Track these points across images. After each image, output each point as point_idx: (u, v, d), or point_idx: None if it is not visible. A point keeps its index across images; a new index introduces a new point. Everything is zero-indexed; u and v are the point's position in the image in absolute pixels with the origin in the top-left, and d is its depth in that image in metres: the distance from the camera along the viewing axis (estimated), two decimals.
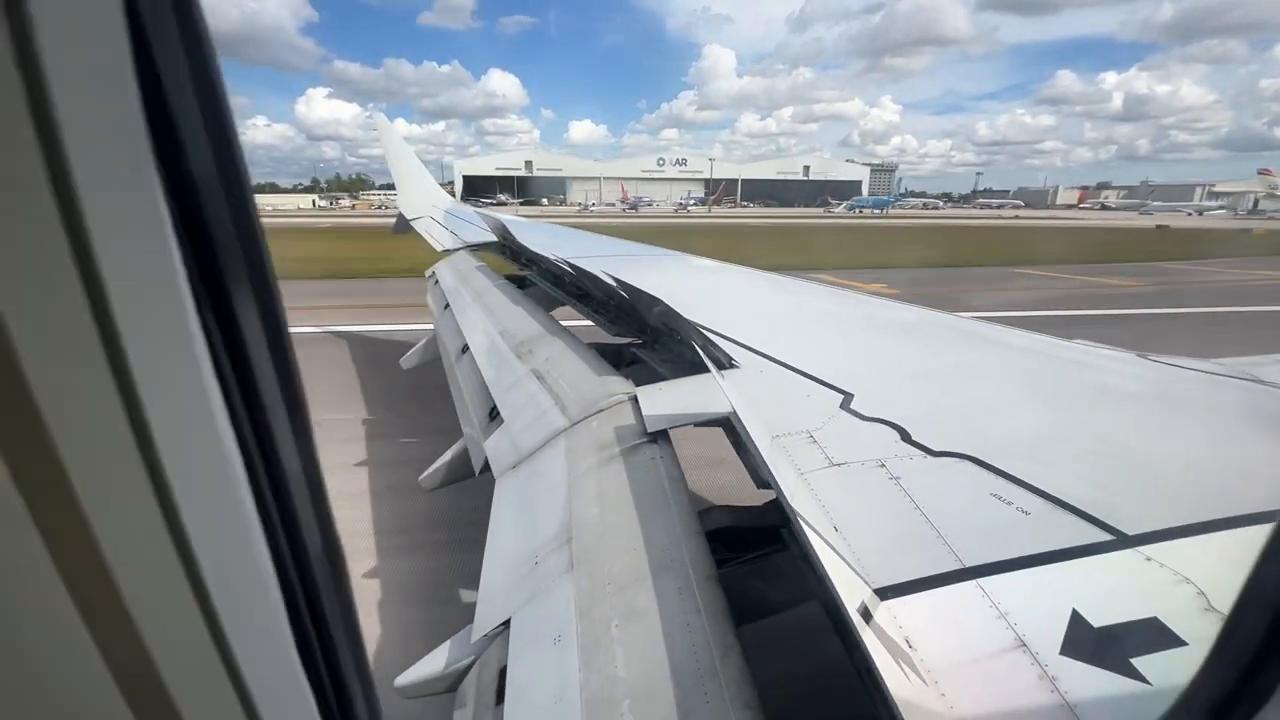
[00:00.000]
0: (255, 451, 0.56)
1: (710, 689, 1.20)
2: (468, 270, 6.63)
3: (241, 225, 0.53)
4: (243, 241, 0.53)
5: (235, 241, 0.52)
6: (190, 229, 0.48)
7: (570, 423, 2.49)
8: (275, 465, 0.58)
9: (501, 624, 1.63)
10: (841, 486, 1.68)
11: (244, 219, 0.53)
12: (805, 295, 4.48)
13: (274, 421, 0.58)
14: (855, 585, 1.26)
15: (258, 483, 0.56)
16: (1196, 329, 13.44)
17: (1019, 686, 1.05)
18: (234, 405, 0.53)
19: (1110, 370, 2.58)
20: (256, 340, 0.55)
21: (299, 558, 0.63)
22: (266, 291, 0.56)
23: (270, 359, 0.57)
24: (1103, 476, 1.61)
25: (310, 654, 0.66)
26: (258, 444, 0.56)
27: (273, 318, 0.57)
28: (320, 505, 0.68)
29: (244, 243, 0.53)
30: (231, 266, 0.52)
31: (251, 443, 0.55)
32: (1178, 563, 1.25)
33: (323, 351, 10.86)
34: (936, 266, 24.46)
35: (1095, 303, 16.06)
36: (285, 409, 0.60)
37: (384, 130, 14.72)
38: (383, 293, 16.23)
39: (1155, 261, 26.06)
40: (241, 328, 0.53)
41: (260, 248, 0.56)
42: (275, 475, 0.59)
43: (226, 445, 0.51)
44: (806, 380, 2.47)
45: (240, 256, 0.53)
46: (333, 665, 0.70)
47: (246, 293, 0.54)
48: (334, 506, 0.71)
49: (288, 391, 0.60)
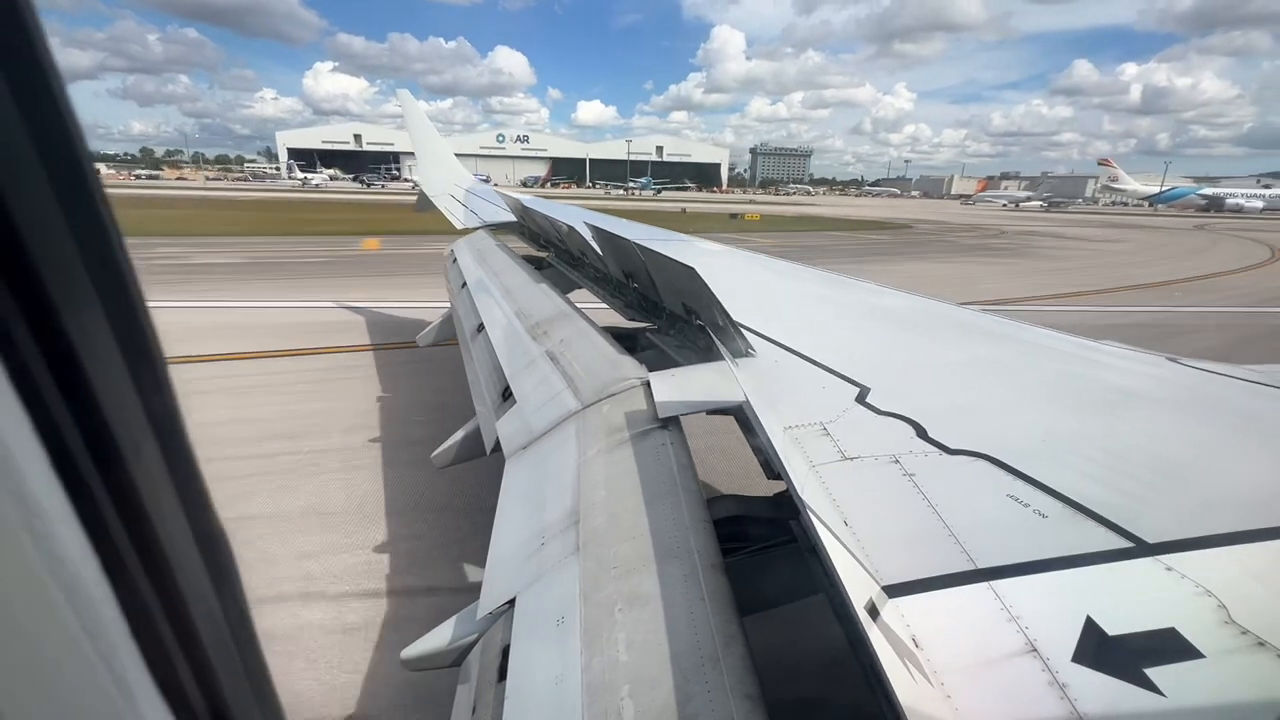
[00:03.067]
0: (66, 434, 0.49)
1: (711, 677, 1.19)
2: (486, 250, 6.64)
3: (67, 200, 0.47)
4: (70, 219, 0.47)
5: (56, 220, 0.46)
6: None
7: (582, 405, 2.48)
8: (101, 439, 0.51)
9: (507, 603, 1.64)
10: (854, 481, 1.65)
11: (72, 192, 0.47)
12: (822, 285, 4.42)
13: (98, 385, 0.50)
14: (863, 581, 1.24)
15: (74, 472, 0.49)
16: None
17: (1028, 692, 1.02)
18: (17, 358, 0.45)
19: (1137, 373, 2.50)
20: (70, 287, 0.49)
21: (146, 549, 0.56)
22: (102, 261, 0.50)
23: (99, 310, 0.51)
24: (1124, 482, 1.56)
25: (164, 658, 0.59)
26: (71, 413, 0.49)
27: (113, 289, 0.52)
28: (186, 487, 0.61)
29: (72, 220, 0.47)
30: (47, 246, 0.46)
31: (54, 407, 0.48)
32: (1199, 574, 1.21)
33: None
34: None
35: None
36: (125, 375, 0.53)
37: (408, 108, 14.72)
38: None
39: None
40: (53, 299, 0.46)
41: (96, 218, 0.49)
42: (109, 460, 0.52)
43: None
44: (822, 371, 2.43)
45: (64, 232, 0.47)
46: (201, 668, 0.63)
47: (66, 264, 0.48)
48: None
49: (131, 351, 0.53)
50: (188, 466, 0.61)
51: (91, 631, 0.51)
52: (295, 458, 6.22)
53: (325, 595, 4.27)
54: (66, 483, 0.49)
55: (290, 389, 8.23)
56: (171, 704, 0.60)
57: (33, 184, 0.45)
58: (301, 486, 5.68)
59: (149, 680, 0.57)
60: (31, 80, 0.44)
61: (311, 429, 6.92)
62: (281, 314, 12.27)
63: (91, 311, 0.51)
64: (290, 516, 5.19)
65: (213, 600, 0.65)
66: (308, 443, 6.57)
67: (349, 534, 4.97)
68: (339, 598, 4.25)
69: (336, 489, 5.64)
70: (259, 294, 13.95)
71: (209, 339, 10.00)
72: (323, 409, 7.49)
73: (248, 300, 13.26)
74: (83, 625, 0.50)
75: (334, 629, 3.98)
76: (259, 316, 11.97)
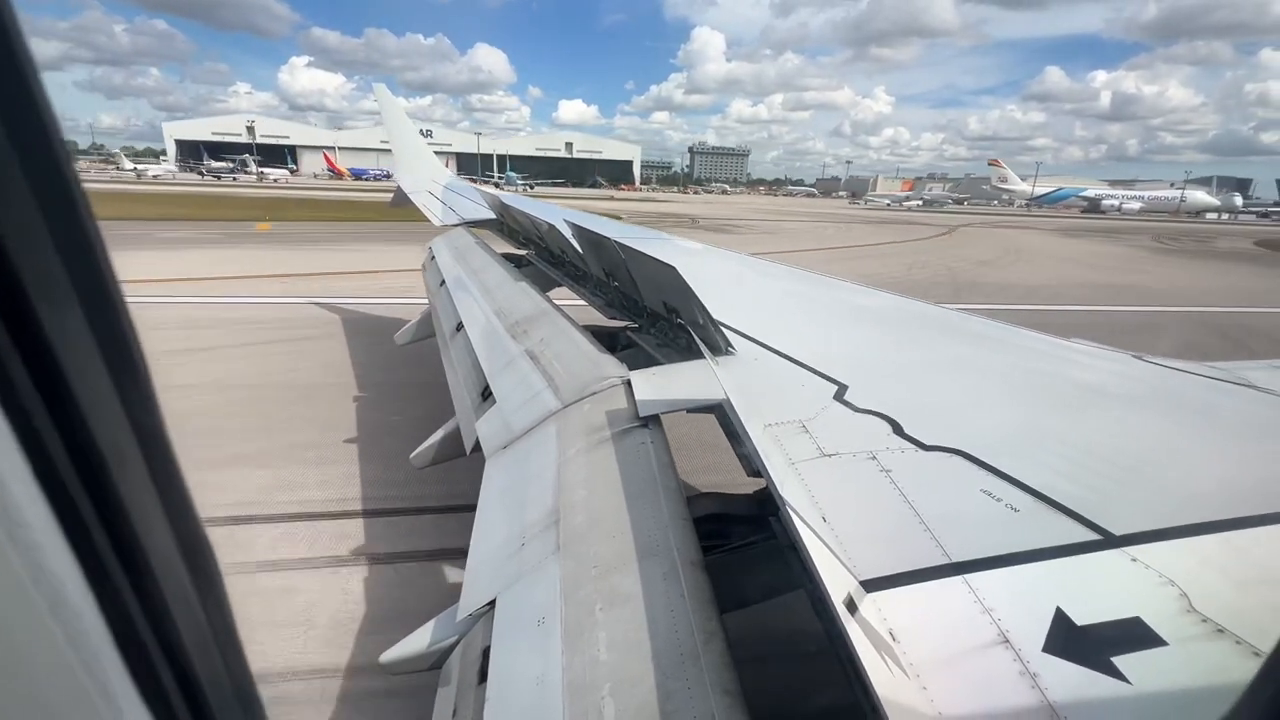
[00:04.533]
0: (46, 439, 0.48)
1: (692, 674, 1.20)
2: (465, 247, 6.57)
3: (47, 198, 0.46)
4: (50, 218, 0.46)
5: (35, 220, 0.45)
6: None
7: (562, 405, 2.47)
8: (83, 446, 0.50)
9: (487, 604, 1.63)
10: (832, 477, 1.67)
11: (49, 190, 0.46)
12: (802, 284, 4.46)
13: (79, 391, 0.50)
14: (841, 576, 1.26)
15: (54, 474, 0.48)
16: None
17: (1000, 683, 1.05)
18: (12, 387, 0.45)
19: (1105, 370, 2.57)
20: (51, 293, 0.47)
21: (130, 557, 0.55)
22: (84, 266, 0.49)
23: (81, 314, 0.50)
24: (1092, 476, 1.61)
25: (148, 666, 0.58)
26: (54, 421, 0.48)
27: (94, 290, 0.50)
28: (168, 492, 0.60)
29: (53, 219, 0.46)
30: (26, 246, 0.45)
31: (36, 416, 0.47)
32: (1162, 564, 1.25)
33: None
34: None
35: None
36: (106, 380, 0.53)
37: (385, 103, 14.48)
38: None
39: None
40: (34, 305, 0.45)
41: (77, 221, 0.48)
42: (83, 456, 0.51)
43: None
44: (801, 369, 2.45)
45: (42, 233, 0.46)
46: (185, 675, 0.62)
47: (47, 266, 0.46)
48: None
49: (112, 357, 0.52)
50: (171, 473, 0.60)
51: (75, 641, 0.50)
52: None
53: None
54: (49, 492, 0.48)
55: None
56: (155, 711, 0.59)
57: (9, 181, 0.44)
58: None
59: (133, 688, 0.57)
60: (7, 73, 0.43)
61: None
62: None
63: (72, 313, 0.49)
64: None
65: (197, 607, 0.64)
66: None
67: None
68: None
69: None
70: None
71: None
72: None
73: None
74: (66, 635, 0.50)
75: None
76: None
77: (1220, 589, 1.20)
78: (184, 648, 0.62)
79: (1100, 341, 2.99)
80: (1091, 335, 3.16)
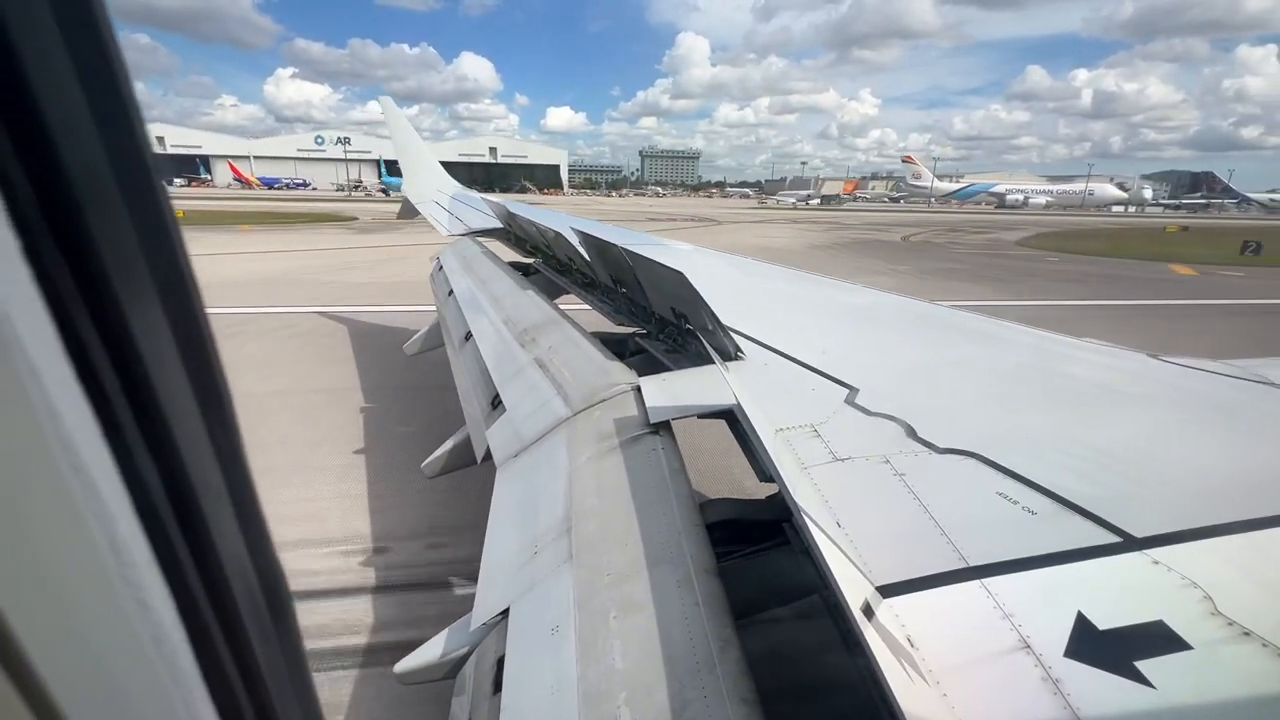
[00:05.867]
0: (143, 464, 0.49)
1: (708, 683, 1.19)
2: (472, 257, 6.61)
3: (137, 214, 0.46)
4: (142, 235, 0.47)
5: (129, 237, 0.46)
6: (64, 226, 0.41)
7: (572, 412, 2.47)
8: (178, 481, 0.52)
9: (500, 613, 1.63)
10: (845, 481, 1.66)
11: (140, 206, 0.47)
12: (809, 286, 4.45)
13: (177, 429, 0.51)
14: (857, 582, 1.25)
15: (146, 500, 0.49)
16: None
17: (1022, 689, 1.03)
18: (110, 413, 0.46)
19: (1120, 370, 2.55)
20: (154, 340, 0.49)
21: (213, 581, 0.56)
22: (174, 287, 0.50)
23: (177, 358, 0.51)
24: (1111, 477, 1.58)
25: (228, 690, 0.59)
26: (153, 457, 0.49)
27: (182, 311, 0.51)
28: (249, 522, 0.60)
29: (144, 236, 0.47)
30: (122, 264, 0.45)
31: (138, 455, 0.48)
32: (1185, 566, 1.23)
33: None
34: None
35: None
36: (197, 415, 0.54)
37: (390, 115, 14.63)
38: None
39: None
40: (130, 328, 0.46)
41: (169, 241, 0.49)
42: (178, 491, 0.52)
43: (84, 457, 0.44)
44: (811, 373, 2.44)
45: (135, 252, 0.46)
46: (260, 701, 0.63)
47: (141, 289, 0.47)
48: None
49: (202, 394, 0.54)
50: (249, 502, 0.60)
51: (174, 677, 0.52)
52: None
53: None
54: (146, 524, 0.49)
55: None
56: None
57: (103, 187, 0.44)
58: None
59: (210, 708, 0.58)
60: (103, 79, 0.43)
61: None
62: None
63: (158, 323, 0.50)
64: None
65: (272, 635, 0.64)
66: None
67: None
68: None
69: None
70: None
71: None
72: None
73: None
74: (167, 671, 0.51)
75: None
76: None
77: (1245, 591, 1.17)
78: (261, 675, 0.62)
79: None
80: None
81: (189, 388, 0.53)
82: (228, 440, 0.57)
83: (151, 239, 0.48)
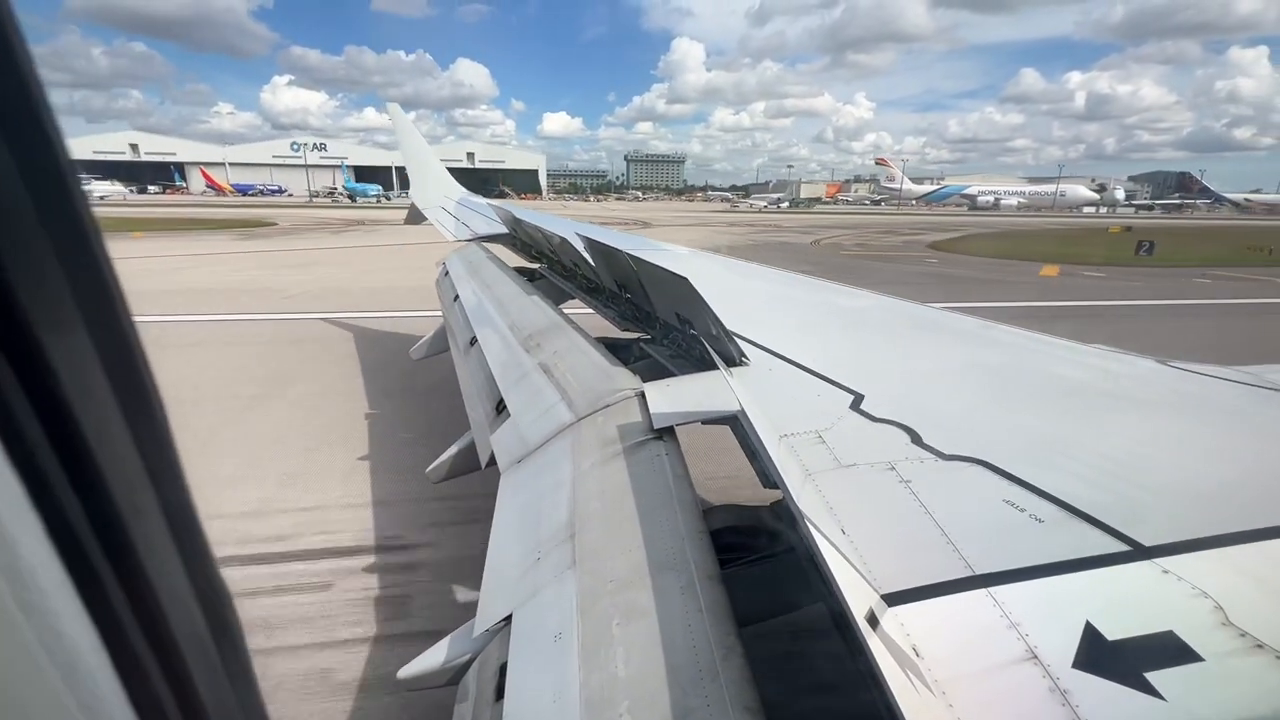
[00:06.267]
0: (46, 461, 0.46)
1: (711, 691, 1.18)
2: (478, 262, 6.64)
3: (50, 221, 0.44)
4: (57, 242, 0.45)
5: (40, 245, 0.44)
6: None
7: (576, 418, 2.47)
8: (100, 501, 0.49)
9: (503, 619, 1.62)
10: (850, 488, 1.65)
11: (54, 212, 0.45)
12: (813, 291, 4.44)
13: (96, 447, 0.48)
14: (862, 590, 1.24)
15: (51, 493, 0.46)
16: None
17: (1030, 700, 1.02)
18: (16, 431, 0.43)
19: (1129, 375, 2.52)
20: (70, 353, 0.46)
21: (145, 612, 0.53)
22: (94, 296, 0.48)
23: (100, 371, 0.49)
24: (1119, 485, 1.57)
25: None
26: (69, 476, 0.47)
27: (105, 322, 0.49)
28: (186, 541, 0.57)
29: (58, 244, 0.45)
30: (31, 273, 0.43)
31: (51, 474, 0.46)
32: (1195, 576, 1.21)
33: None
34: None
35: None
36: (124, 430, 0.51)
37: (398, 122, 14.74)
38: None
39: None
40: (39, 340, 0.44)
41: (87, 249, 0.47)
42: (99, 511, 0.49)
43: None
44: (816, 379, 2.44)
45: (49, 261, 0.44)
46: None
47: (55, 298, 0.45)
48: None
49: (130, 408, 0.51)
50: (187, 520, 0.58)
51: (90, 706, 0.49)
52: None
53: None
54: (59, 543, 0.47)
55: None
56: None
57: (14, 200, 0.42)
58: None
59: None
60: (13, 90, 0.42)
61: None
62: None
63: (78, 339, 0.48)
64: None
65: (214, 659, 0.62)
66: None
67: None
68: None
69: None
70: None
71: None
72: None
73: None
74: (79, 701, 0.48)
75: None
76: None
77: (1258, 601, 1.15)
78: (199, 695, 0.59)
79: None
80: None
81: (114, 402, 0.50)
82: (160, 456, 0.55)
83: (68, 246, 0.46)
